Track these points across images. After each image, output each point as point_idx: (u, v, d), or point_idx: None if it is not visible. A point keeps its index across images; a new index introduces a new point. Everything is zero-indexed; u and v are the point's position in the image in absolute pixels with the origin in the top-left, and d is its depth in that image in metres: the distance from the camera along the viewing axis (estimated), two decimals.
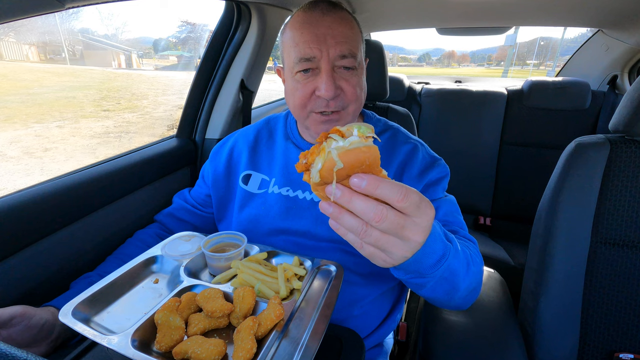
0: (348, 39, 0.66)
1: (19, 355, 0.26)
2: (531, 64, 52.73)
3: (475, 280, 0.59)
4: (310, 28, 0.65)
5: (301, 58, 0.66)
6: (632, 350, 0.82)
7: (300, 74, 0.67)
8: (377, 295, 0.75)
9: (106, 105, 8.69)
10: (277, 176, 0.78)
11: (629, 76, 1.80)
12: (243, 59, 1.22)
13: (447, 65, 70.89)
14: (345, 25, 0.67)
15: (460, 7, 1.38)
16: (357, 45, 0.68)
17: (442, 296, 0.55)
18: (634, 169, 0.80)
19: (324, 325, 0.48)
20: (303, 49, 0.65)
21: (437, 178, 0.74)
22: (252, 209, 0.78)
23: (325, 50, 0.64)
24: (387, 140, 0.80)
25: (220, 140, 0.93)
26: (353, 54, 0.66)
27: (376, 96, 1.35)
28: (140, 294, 0.57)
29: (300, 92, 0.68)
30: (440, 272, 0.48)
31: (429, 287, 0.50)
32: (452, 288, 0.53)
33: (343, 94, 0.68)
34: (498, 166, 1.92)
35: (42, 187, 0.71)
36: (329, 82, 0.64)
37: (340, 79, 0.67)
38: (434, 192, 0.73)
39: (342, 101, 0.68)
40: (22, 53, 15.61)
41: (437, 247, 0.46)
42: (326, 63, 0.65)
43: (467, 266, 0.55)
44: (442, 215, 0.71)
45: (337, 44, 0.65)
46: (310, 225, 0.73)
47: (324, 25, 0.65)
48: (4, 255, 0.63)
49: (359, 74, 0.70)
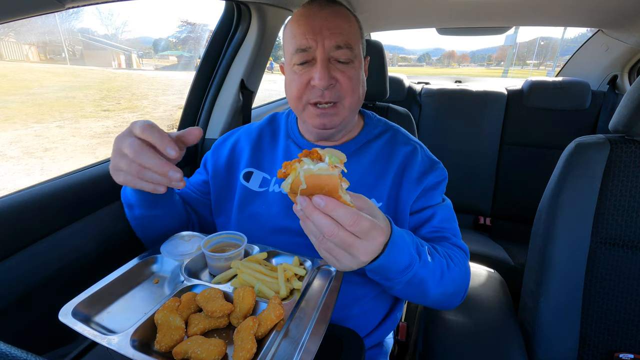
0: (344, 30, 0.67)
1: (19, 355, 0.26)
2: (531, 64, 52.77)
3: (454, 286, 0.64)
4: (306, 20, 0.67)
5: (297, 49, 0.67)
6: (632, 350, 0.82)
7: (298, 65, 0.69)
8: (375, 294, 0.75)
9: (106, 105, 8.69)
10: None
11: (629, 76, 1.80)
12: (243, 59, 1.22)
13: (447, 65, 70.93)
14: (342, 18, 0.68)
15: (460, 7, 1.38)
16: (354, 39, 0.69)
17: (414, 299, 0.64)
18: (634, 169, 0.80)
19: (324, 325, 0.49)
20: (299, 40, 0.67)
21: (435, 182, 0.74)
22: (254, 207, 0.78)
23: (321, 40, 0.66)
24: (387, 141, 0.80)
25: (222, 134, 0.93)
26: (349, 45, 0.67)
27: (376, 96, 1.35)
28: (140, 294, 0.57)
29: (296, 82, 0.69)
30: (406, 279, 0.55)
31: (398, 290, 0.58)
32: (421, 294, 0.60)
33: (338, 84, 0.69)
34: (498, 166, 1.91)
35: (42, 187, 0.71)
36: (322, 70, 0.66)
37: (336, 70, 0.68)
38: (432, 197, 0.73)
39: (337, 92, 0.69)
40: (22, 53, 15.62)
41: (402, 258, 0.52)
42: (321, 53, 0.66)
43: (440, 275, 0.60)
44: (437, 222, 0.72)
45: (332, 35, 0.66)
46: None
47: (320, 17, 0.67)
48: (4, 255, 0.63)
49: (356, 68, 0.70)
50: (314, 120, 0.71)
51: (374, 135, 0.81)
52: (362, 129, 0.82)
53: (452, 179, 0.84)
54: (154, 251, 0.65)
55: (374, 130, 0.82)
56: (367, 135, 0.80)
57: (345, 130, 0.78)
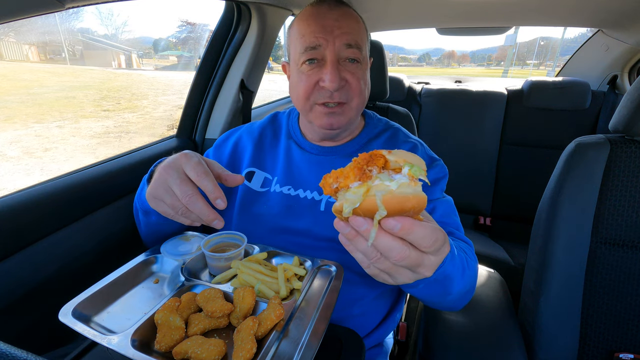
0: (354, 30, 0.67)
1: (19, 355, 0.26)
2: (531, 64, 52.76)
3: (470, 283, 0.60)
4: (317, 19, 0.67)
5: (307, 47, 0.67)
6: (632, 350, 0.82)
7: (306, 64, 0.68)
8: (376, 295, 0.75)
9: (106, 105, 8.69)
10: (279, 175, 0.78)
11: (629, 76, 1.80)
12: (243, 59, 1.22)
13: (447, 65, 70.94)
14: (352, 19, 0.69)
15: (460, 7, 1.38)
16: (363, 39, 0.69)
17: (435, 298, 0.56)
18: (634, 169, 0.80)
19: (324, 325, 0.48)
20: (309, 38, 0.67)
21: (434, 179, 0.74)
22: (255, 207, 0.78)
23: (332, 40, 0.66)
24: (388, 139, 0.80)
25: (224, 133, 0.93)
26: (358, 45, 0.68)
27: (376, 96, 1.35)
28: (140, 294, 0.57)
29: (304, 82, 0.69)
30: (435, 276, 0.48)
31: (420, 288, 0.51)
32: (444, 291, 0.53)
33: (348, 85, 0.68)
34: (498, 166, 1.92)
35: (42, 187, 0.71)
36: (333, 72, 0.65)
37: (345, 70, 0.68)
38: (431, 193, 0.73)
39: (346, 93, 0.69)
40: (22, 53, 15.61)
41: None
42: (331, 53, 0.66)
43: (462, 270, 0.55)
44: (438, 216, 0.71)
45: (343, 34, 0.66)
46: (311, 224, 0.73)
47: (331, 17, 0.67)
48: (4, 255, 0.63)
49: (364, 69, 0.71)
50: (321, 120, 0.71)
51: (374, 134, 0.81)
52: (364, 129, 0.82)
53: (452, 178, 0.84)
54: (154, 251, 0.65)
55: (374, 129, 0.82)
56: (368, 134, 0.81)
57: (349, 130, 0.79)
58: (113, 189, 0.85)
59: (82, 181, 0.78)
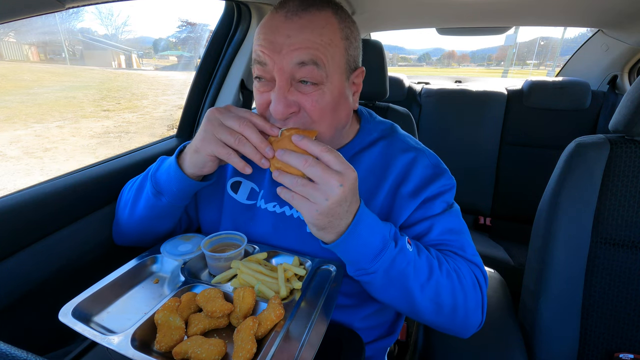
0: (312, 44, 0.54)
1: (19, 355, 0.26)
2: (531, 64, 52.76)
3: (453, 296, 0.57)
4: (268, 32, 0.56)
5: (255, 60, 0.59)
6: (632, 350, 0.82)
7: (257, 80, 0.60)
8: (371, 313, 0.72)
9: (106, 105, 8.68)
10: (266, 188, 0.73)
11: (629, 76, 1.80)
12: (243, 59, 1.22)
13: (447, 65, 70.88)
14: (312, 31, 0.55)
15: (460, 7, 1.38)
16: (328, 54, 0.56)
17: (400, 302, 0.58)
18: (633, 169, 0.80)
19: (324, 325, 0.49)
20: (257, 52, 0.57)
21: (436, 192, 0.66)
22: (242, 222, 0.73)
23: (279, 60, 0.55)
24: (382, 150, 0.70)
25: None
26: (315, 61, 0.54)
27: (376, 96, 1.35)
28: (140, 294, 0.57)
29: (257, 100, 0.61)
30: (383, 267, 0.53)
31: (378, 285, 0.55)
32: (405, 291, 0.56)
33: (303, 111, 0.57)
34: (498, 166, 1.92)
35: (42, 187, 0.71)
36: (279, 99, 0.55)
37: (299, 93, 0.56)
38: (430, 208, 0.65)
39: (302, 120, 0.58)
40: (22, 53, 15.61)
41: (373, 239, 0.52)
42: (280, 74, 0.55)
43: (428, 273, 0.56)
44: (436, 234, 0.64)
45: (294, 51, 0.54)
46: (297, 244, 0.69)
47: (283, 33, 0.55)
48: (4, 255, 0.63)
49: (328, 90, 0.57)
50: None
51: (367, 143, 0.71)
52: (357, 135, 0.73)
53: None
54: (154, 251, 0.65)
55: (368, 136, 0.72)
56: (360, 142, 0.71)
57: (337, 142, 0.70)
58: (113, 189, 0.85)
59: (82, 181, 0.78)
